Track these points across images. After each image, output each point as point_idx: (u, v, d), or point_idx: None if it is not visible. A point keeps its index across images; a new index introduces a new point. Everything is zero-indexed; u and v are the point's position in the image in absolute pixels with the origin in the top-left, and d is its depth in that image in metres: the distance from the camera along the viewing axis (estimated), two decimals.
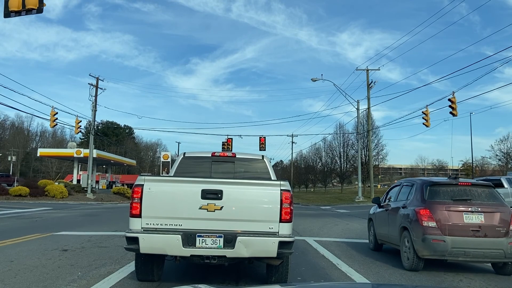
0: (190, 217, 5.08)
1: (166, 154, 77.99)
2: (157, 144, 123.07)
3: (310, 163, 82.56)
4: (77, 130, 30.56)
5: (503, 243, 6.60)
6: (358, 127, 38.77)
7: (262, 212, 5.19)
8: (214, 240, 5.02)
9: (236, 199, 5.15)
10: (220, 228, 5.07)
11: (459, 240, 6.59)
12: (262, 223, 5.15)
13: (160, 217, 5.14)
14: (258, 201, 5.24)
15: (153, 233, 5.09)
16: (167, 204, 5.18)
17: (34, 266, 6.47)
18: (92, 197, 36.65)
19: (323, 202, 40.24)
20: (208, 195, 5.08)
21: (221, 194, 5.10)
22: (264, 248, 5.03)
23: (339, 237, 11.96)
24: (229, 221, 5.10)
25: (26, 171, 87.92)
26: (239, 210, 5.13)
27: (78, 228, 12.61)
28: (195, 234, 5.01)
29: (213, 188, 5.12)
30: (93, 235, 10.69)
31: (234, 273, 6.48)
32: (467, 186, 7.36)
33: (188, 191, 5.14)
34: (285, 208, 5.16)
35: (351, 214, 23.10)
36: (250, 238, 5.02)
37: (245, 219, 5.14)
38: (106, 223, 14.87)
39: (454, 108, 23.22)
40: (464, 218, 6.74)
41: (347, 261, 7.71)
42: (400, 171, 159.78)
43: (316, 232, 13.08)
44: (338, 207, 32.81)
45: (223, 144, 35.97)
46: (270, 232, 5.10)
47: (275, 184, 5.34)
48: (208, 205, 5.08)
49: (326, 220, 18.45)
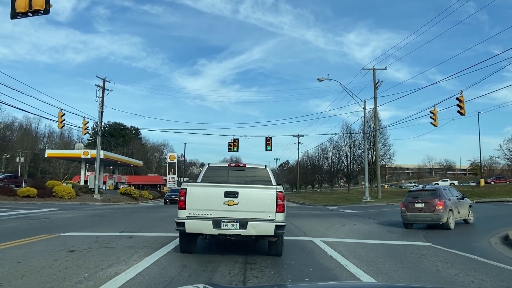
0: (217, 209, 7.44)
1: (172, 155, 78.36)
2: (164, 145, 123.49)
3: (316, 163, 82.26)
4: (84, 131, 30.70)
5: (431, 215, 14.36)
6: (364, 127, 38.52)
7: (264, 206, 7.47)
8: (233, 224, 7.38)
9: (247, 197, 7.52)
10: (237, 216, 7.41)
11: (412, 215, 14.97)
12: (264, 213, 7.44)
13: (198, 209, 7.49)
14: (261, 199, 7.53)
15: (194, 219, 7.45)
16: (202, 200, 7.52)
17: (41, 267, 6.46)
18: (100, 198, 36.79)
19: (330, 203, 40.08)
20: (228, 195, 7.48)
21: (237, 194, 7.50)
22: (266, 229, 7.34)
23: (347, 237, 11.85)
24: (242, 212, 7.42)
25: (34, 172, 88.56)
26: (249, 204, 7.47)
27: (85, 229, 12.63)
28: (221, 220, 7.38)
29: (232, 190, 7.52)
30: (100, 236, 10.70)
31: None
32: (421, 191, 16.12)
33: (216, 192, 7.56)
34: (279, 203, 7.48)
35: (358, 215, 22.95)
36: (257, 223, 7.36)
37: (253, 210, 7.45)
38: (114, 224, 14.90)
39: (462, 107, 22.94)
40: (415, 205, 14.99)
41: (356, 262, 7.61)
42: (407, 171, 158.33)
43: (323, 233, 12.97)
44: (345, 207, 32.64)
45: (230, 145, 35.91)
46: (269, 219, 7.41)
47: (273, 187, 7.72)
48: (229, 201, 7.45)
49: (333, 221, 18.34)
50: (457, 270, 7.23)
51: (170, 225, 14.65)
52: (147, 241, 10.01)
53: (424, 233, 13.44)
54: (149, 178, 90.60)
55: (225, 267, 6.78)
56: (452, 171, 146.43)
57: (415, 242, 10.99)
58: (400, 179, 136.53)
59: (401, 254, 8.88)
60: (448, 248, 9.90)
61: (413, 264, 7.63)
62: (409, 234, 13.09)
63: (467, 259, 8.47)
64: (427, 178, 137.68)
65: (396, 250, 9.43)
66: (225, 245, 9.17)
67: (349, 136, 59.60)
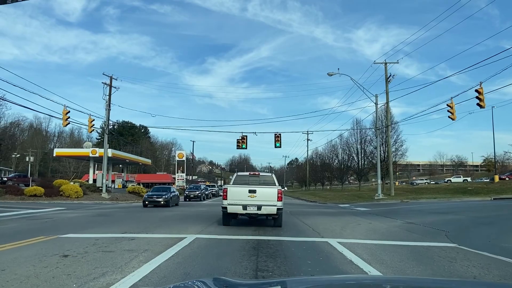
0: (244, 199, 12.72)
1: (181, 153, 77.92)
2: (173, 144, 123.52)
3: (326, 160, 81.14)
4: (90, 129, 30.17)
5: None
6: (376, 122, 37.41)
7: (270, 197, 12.71)
8: (253, 208, 12.68)
9: (261, 193, 12.80)
10: (255, 203, 12.67)
11: None
12: (270, 201, 12.65)
13: (233, 199, 12.78)
14: (269, 193, 12.80)
15: (232, 205, 12.76)
16: (235, 194, 12.83)
17: (26, 276, 5.75)
18: (107, 197, 36.33)
19: (341, 200, 39.10)
20: (250, 191, 12.79)
21: (256, 191, 12.82)
22: (271, 210, 12.60)
23: (364, 238, 10.99)
24: (258, 201, 12.67)
25: (44, 172, 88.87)
26: (262, 196, 12.73)
27: (86, 230, 11.97)
28: (246, 205, 12.68)
29: (252, 188, 12.87)
30: (99, 238, 10.01)
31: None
32: None
33: (243, 190, 12.90)
34: (279, 196, 12.72)
35: (372, 213, 22.04)
36: (267, 206, 12.58)
37: (264, 200, 12.69)
38: (117, 224, 14.23)
39: (481, 100, 21.82)
40: None
41: (380, 268, 6.78)
42: (418, 167, 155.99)
43: (338, 233, 12.14)
44: (357, 205, 31.69)
45: (238, 142, 35.16)
46: (273, 205, 12.60)
47: (275, 187, 13.15)
48: (251, 195, 12.74)
49: (347, 219, 17.48)
50: (496, 277, 6.37)
51: (176, 225, 14.04)
52: (150, 243, 9.28)
53: (445, 232, 12.52)
54: (158, 176, 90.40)
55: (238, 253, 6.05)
56: (464, 167, 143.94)
57: (440, 243, 10.10)
58: (411, 176, 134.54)
59: (428, 258, 8.02)
60: (477, 249, 9.00)
61: (445, 271, 6.77)
62: (430, 234, 12.18)
63: (502, 263, 7.58)
64: (439, 175, 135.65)
65: (421, 253, 8.57)
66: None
67: (360, 132, 58.50)
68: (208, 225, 13.80)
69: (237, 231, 12.02)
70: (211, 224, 14.15)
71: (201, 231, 12.10)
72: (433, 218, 17.30)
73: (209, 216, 17.85)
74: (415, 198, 34.22)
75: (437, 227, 14.11)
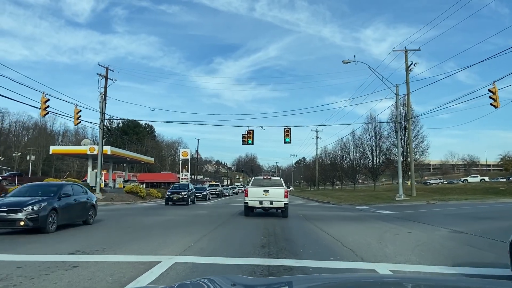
0: (260, 196, 18.11)
1: (185, 152, 74.88)
2: (178, 143, 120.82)
3: (336, 159, 77.58)
4: (76, 121, 27.18)
5: None
6: (397, 116, 33.91)
7: (279, 195, 18.04)
8: (267, 202, 18.02)
9: (272, 192, 18.15)
10: (268, 199, 17.99)
11: None
12: (279, 198, 17.98)
13: (252, 196, 18.24)
14: (278, 192, 18.16)
15: (251, 201, 18.23)
16: (254, 193, 18.30)
17: None
18: (101, 197, 33.24)
19: (357, 201, 35.70)
20: (265, 191, 18.16)
21: (269, 190, 18.16)
22: (280, 205, 18.04)
23: (420, 260, 7.67)
24: (271, 198, 17.97)
25: (48, 171, 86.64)
26: (273, 194, 18.07)
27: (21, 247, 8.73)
28: (262, 201, 18.07)
29: (266, 189, 18.27)
30: (28, 263, 6.76)
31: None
32: None
33: (260, 190, 18.31)
34: (285, 194, 18.14)
35: (400, 217, 18.69)
36: (277, 202, 17.99)
37: (275, 197, 18.00)
38: (74, 237, 10.99)
39: (495, 99, 19.29)
40: None
41: None
42: (429, 167, 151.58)
43: (378, 249, 8.83)
44: (377, 207, 28.29)
45: (244, 137, 32.02)
46: (281, 200, 17.98)
47: (283, 187, 18.73)
48: (265, 193, 18.08)
49: (376, 227, 14.16)
50: None
51: (157, 238, 10.16)
52: (99, 273, 6.04)
53: None
54: (162, 175, 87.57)
55: None
56: (476, 166, 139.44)
57: None
58: (423, 176, 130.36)
59: None
60: None
61: None
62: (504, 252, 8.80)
63: None
64: (451, 174, 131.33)
65: None
66: None
67: (375, 128, 54.80)
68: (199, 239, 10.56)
69: (240, 254, 8.82)
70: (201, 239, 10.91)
71: (184, 250, 8.89)
72: (482, 225, 13.87)
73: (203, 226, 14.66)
74: (442, 199, 30.67)
75: (502, 239, 10.67)
